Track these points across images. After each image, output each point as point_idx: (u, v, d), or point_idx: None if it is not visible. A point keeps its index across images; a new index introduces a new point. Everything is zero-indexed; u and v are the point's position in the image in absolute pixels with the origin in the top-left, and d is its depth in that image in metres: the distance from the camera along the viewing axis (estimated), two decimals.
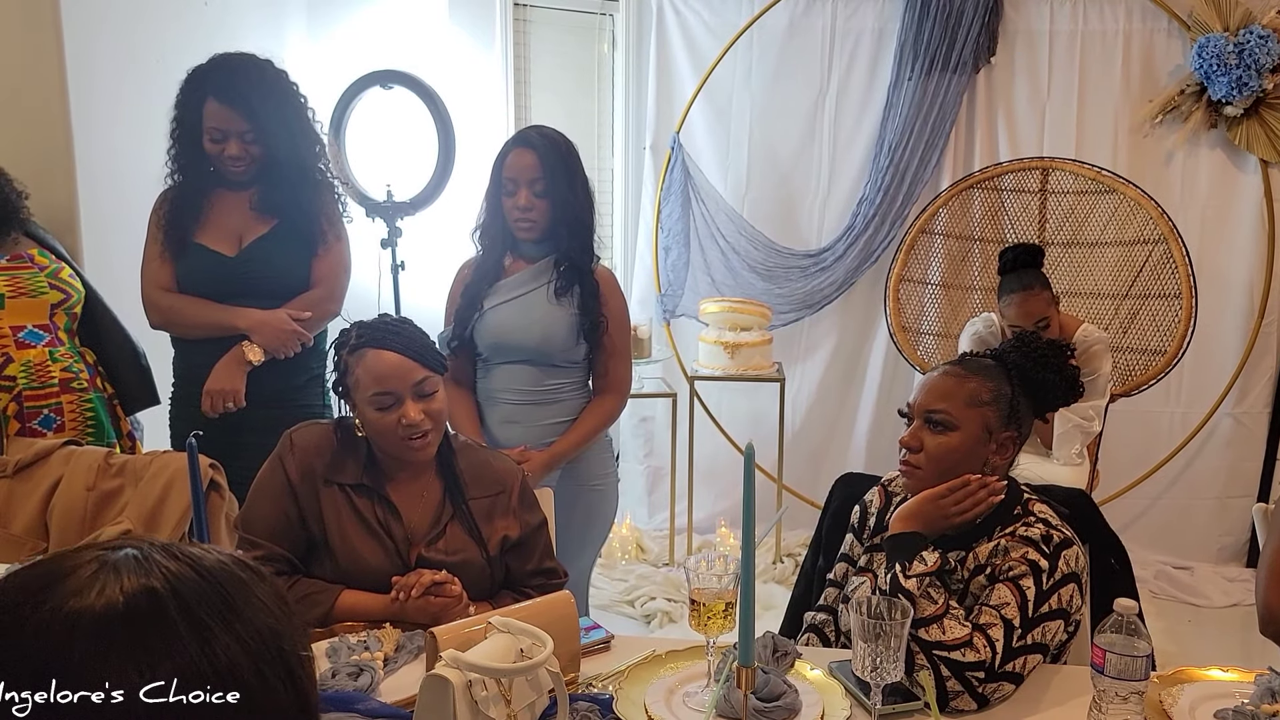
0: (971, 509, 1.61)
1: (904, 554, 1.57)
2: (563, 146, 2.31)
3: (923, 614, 1.49)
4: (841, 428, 4.18)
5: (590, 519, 2.45)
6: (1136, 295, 3.66)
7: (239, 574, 0.67)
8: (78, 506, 1.97)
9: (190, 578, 0.64)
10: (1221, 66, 3.53)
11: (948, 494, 1.61)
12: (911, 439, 1.68)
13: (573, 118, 4.17)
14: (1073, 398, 1.74)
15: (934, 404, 1.66)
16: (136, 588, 0.62)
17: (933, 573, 1.53)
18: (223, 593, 0.64)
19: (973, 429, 1.65)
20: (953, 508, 1.60)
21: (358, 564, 1.71)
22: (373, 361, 1.70)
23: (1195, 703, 1.45)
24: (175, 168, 2.34)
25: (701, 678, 1.51)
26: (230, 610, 0.64)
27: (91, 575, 0.63)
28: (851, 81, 3.97)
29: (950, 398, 1.66)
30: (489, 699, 1.26)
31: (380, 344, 1.71)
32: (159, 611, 0.62)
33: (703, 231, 4.10)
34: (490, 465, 1.84)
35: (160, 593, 0.63)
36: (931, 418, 1.66)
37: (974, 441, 1.65)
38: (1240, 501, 3.85)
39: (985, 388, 1.67)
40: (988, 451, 1.66)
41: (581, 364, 2.39)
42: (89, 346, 2.35)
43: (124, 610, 0.61)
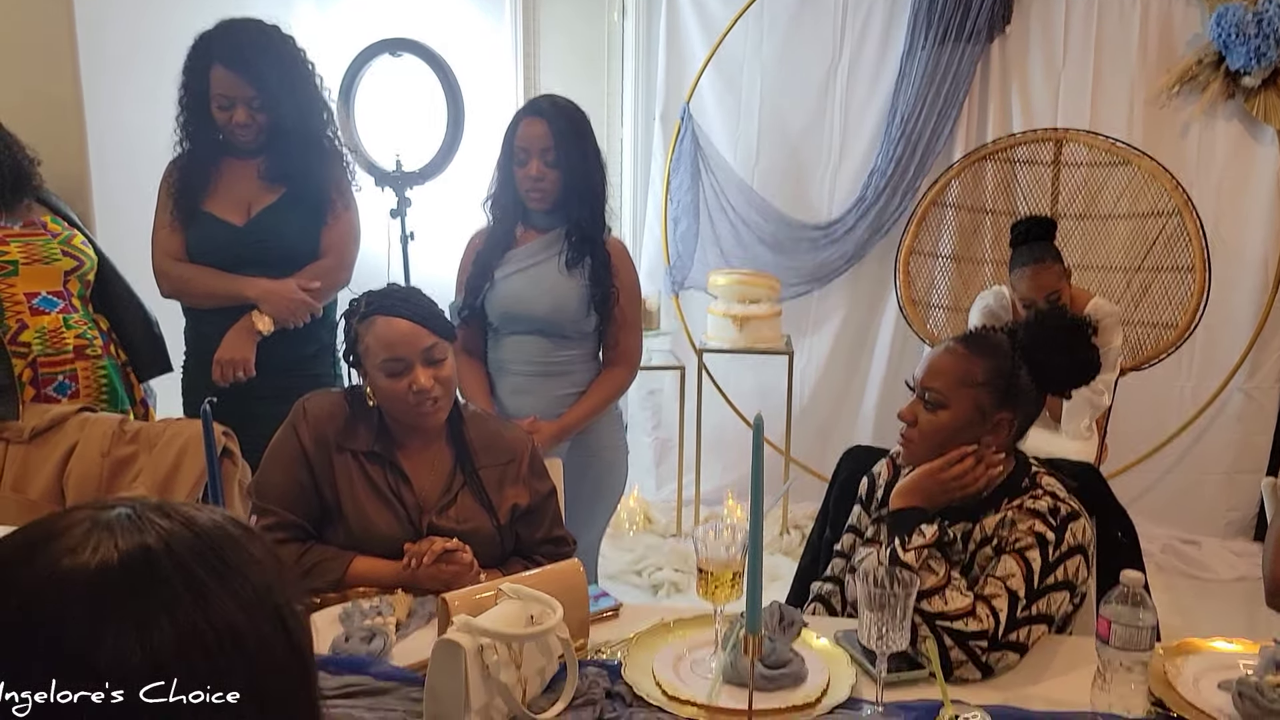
0: (971, 483, 1.61)
1: (903, 528, 1.58)
2: (574, 116, 2.30)
3: (924, 586, 1.49)
4: (850, 401, 4.18)
5: (600, 489, 2.47)
6: (1149, 268, 3.64)
7: (232, 531, 0.67)
8: (93, 473, 1.99)
9: (184, 535, 0.64)
10: (1240, 36, 3.49)
11: (945, 468, 1.61)
12: (907, 413, 1.69)
13: (582, 87, 4.13)
14: (1082, 381, 1.71)
15: (929, 381, 1.67)
16: (132, 545, 0.62)
17: (930, 545, 1.54)
18: (217, 549, 0.64)
19: (963, 408, 1.64)
20: (952, 482, 1.61)
21: (370, 531, 1.73)
22: (383, 328, 1.72)
23: (1199, 673, 1.46)
24: (183, 135, 2.34)
25: (709, 645, 1.52)
26: (225, 566, 0.64)
27: (85, 533, 0.63)
28: (864, 51, 3.93)
29: (944, 376, 1.66)
30: (499, 664, 1.27)
31: (390, 311, 1.73)
32: (154, 569, 0.62)
33: (712, 203, 4.08)
34: (500, 434, 1.86)
35: (155, 550, 0.63)
36: (925, 393, 1.67)
37: (964, 421, 1.64)
38: (1249, 477, 3.84)
39: (982, 368, 1.65)
40: (983, 431, 1.65)
41: (592, 335, 2.39)
42: (102, 314, 2.36)
43: (119, 567, 0.61)
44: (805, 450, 4.00)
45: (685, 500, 3.98)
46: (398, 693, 1.34)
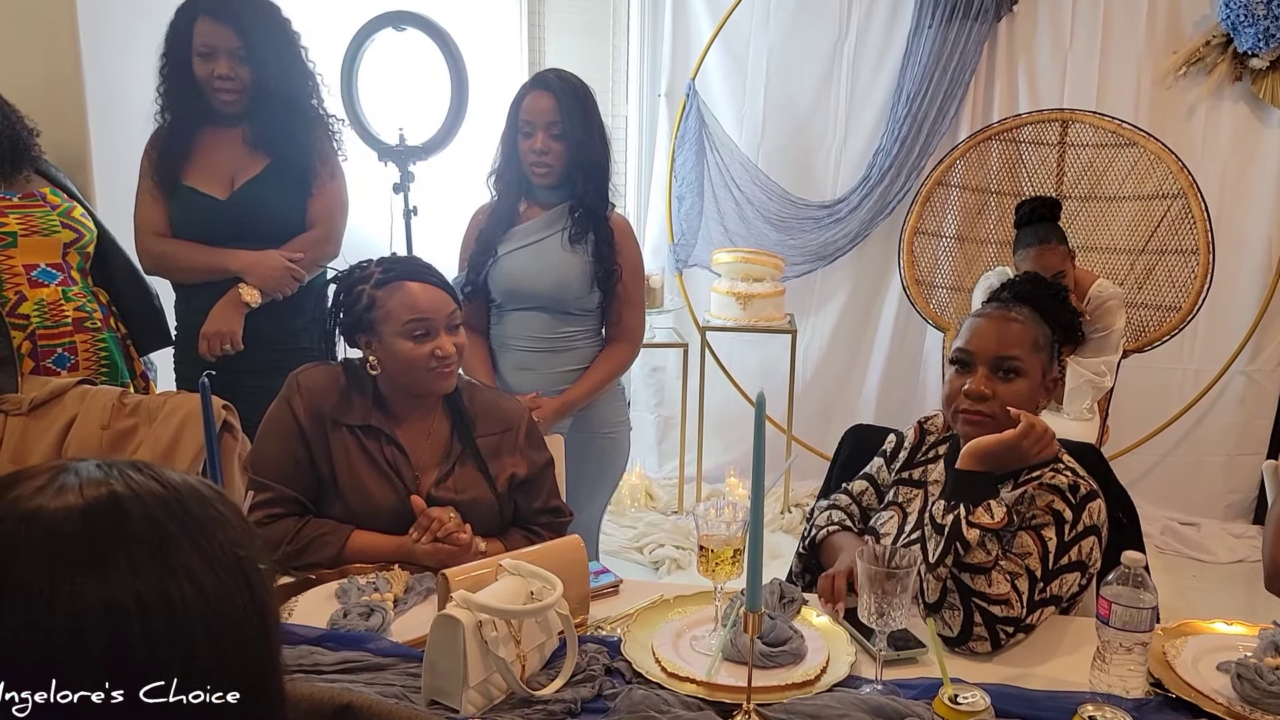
0: (1045, 447, 1.56)
1: (971, 495, 1.52)
2: (580, 90, 2.29)
3: (973, 561, 1.48)
4: (853, 380, 4.18)
5: (602, 466, 2.47)
6: (1153, 250, 3.62)
7: (202, 490, 0.67)
8: (93, 445, 1.98)
9: (152, 487, 0.64)
10: (1249, 17, 3.46)
11: (1024, 435, 1.53)
12: (984, 386, 1.61)
13: (588, 63, 4.11)
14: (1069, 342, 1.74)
15: (1006, 350, 1.62)
16: (98, 493, 0.63)
17: (994, 530, 1.49)
18: (184, 503, 0.65)
19: (1036, 374, 1.63)
20: (1032, 448, 1.54)
21: (368, 504, 1.73)
22: (412, 292, 1.72)
23: (1198, 655, 1.46)
24: (163, 106, 2.32)
25: (709, 622, 1.52)
26: (192, 520, 0.64)
27: (51, 478, 0.63)
28: (871, 28, 3.90)
29: (1020, 344, 1.62)
30: (499, 639, 1.27)
31: (417, 277, 1.74)
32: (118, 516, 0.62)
33: (717, 181, 4.06)
34: (497, 404, 1.86)
35: (122, 497, 0.63)
36: (1004, 365, 1.61)
37: (1036, 387, 1.63)
38: (1250, 459, 3.84)
39: (1040, 331, 1.65)
40: (1039, 396, 1.65)
41: (595, 312, 2.38)
42: (102, 286, 2.35)
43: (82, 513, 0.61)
44: (807, 428, 4.00)
45: (687, 477, 3.98)
46: (396, 668, 1.34)
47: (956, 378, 1.66)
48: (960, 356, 1.65)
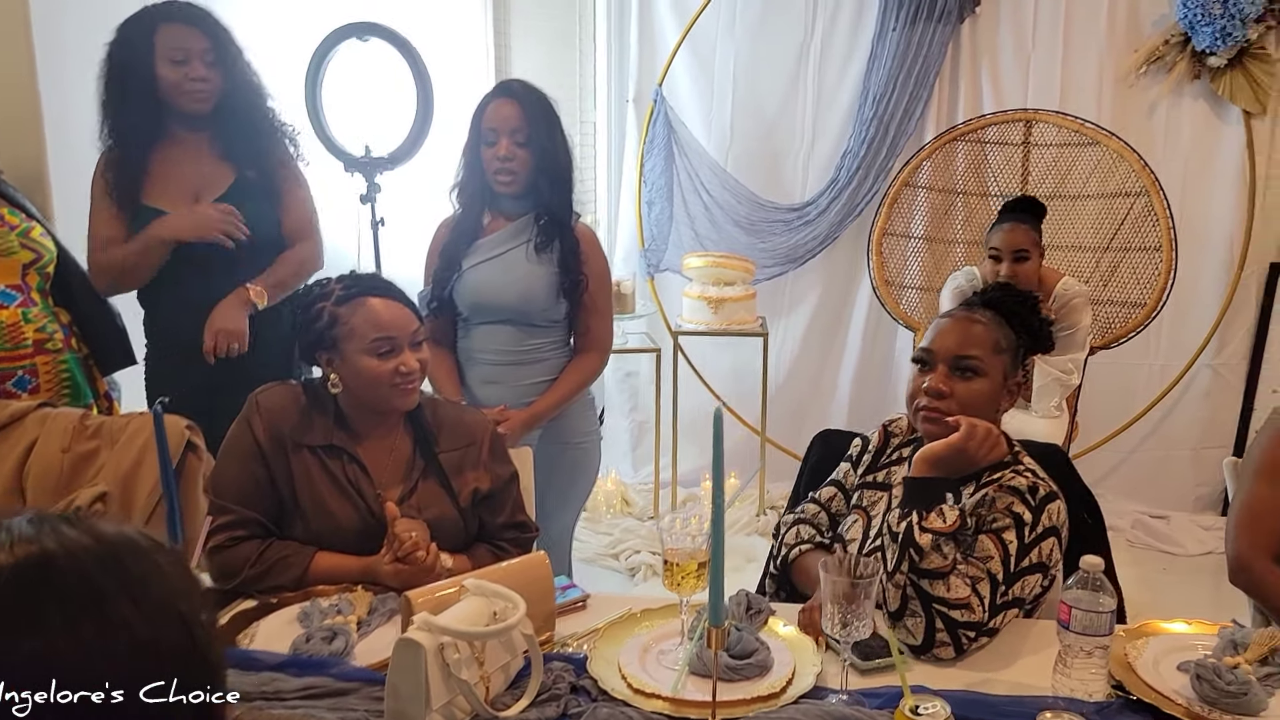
0: (990, 451, 1.59)
1: (923, 501, 1.53)
2: (544, 100, 2.30)
3: (929, 567, 1.48)
4: (825, 382, 4.20)
5: (573, 477, 2.46)
6: (1117, 248, 3.66)
7: (139, 542, 0.67)
8: (53, 469, 1.96)
9: (85, 542, 0.64)
10: (1205, 16, 3.50)
11: (968, 440, 1.56)
12: (942, 384, 1.63)
13: (555, 70, 4.11)
14: (1038, 349, 1.76)
15: (966, 350, 1.64)
16: (28, 551, 0.62)
17: (947, 534, 1.50)
18: (119, 558, 0.64)
19: (997, 376, 1.65)
20: (978, 451, 1.57)
21: (330, 524, 1.71)
22: (375, 309, 1.72)
23: (1159, 656, 1.47)
24: (112, 125, 2.28)
25: (676, 636, 1.53)
26: (127, 575, 0.64)
27: None
28: (836, 31, 3.92)
29: (980, 344, 1.65)
30: (461, 661, 1.27)
31: (381, 293, 1.74)
32: (50, 574, 0.62)
33: (686, 185, 4.07)
34: (460, 419, 1.85)
35: (53, 554, 0.62)
36: (962, 364, 1.64)
37: (997, 388, 1.66)
38: (1217, 452, 3.88)
39: (1004, 335, 1.68)
40: (1000, 398, 1.67)
41: (562, 323, 2.38)
42: (63, 306, 2.31)
43: (12, 573, 0.61)
44: (781, 430, 4.01)
45: (662, 482, 3.98)
46: (360, 693, 1.33)
47: (918, 376, 1.69)
48: (921, 355, 1.70)
